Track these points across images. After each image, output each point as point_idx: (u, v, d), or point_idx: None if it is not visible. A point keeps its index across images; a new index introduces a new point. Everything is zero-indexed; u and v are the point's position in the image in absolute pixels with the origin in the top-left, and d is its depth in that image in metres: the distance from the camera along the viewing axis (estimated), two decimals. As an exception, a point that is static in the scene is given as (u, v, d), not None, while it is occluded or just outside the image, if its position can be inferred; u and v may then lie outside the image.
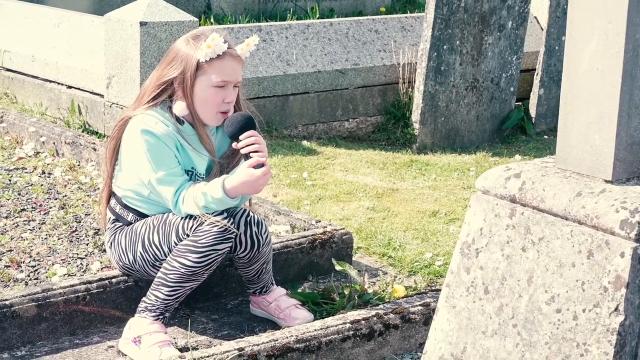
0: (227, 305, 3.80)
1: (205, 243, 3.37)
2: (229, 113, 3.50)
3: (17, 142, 5.63)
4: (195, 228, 3.39)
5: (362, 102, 6.67)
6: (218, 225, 3.36)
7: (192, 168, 3.52)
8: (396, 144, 6.52)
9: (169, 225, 3.46)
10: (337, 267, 3.79)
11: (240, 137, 3.40)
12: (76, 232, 4.24)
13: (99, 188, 4.74)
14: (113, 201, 3.64)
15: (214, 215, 3.38)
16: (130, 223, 3.58)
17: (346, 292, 3.72)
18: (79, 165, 5.25)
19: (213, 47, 3.44)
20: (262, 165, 3.37)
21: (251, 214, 3.50)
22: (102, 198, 3.71)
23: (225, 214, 3.40)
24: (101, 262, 3.90)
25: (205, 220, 3.37)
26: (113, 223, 3.63)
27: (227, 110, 3.50)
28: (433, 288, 3.98)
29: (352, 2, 10.19)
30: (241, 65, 3.53)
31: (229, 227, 3.37)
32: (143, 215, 3.57)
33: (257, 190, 3.41)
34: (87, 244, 4.12)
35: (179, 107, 3.50)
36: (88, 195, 4.72)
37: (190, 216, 3.42)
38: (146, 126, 3.45)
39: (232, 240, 3.41)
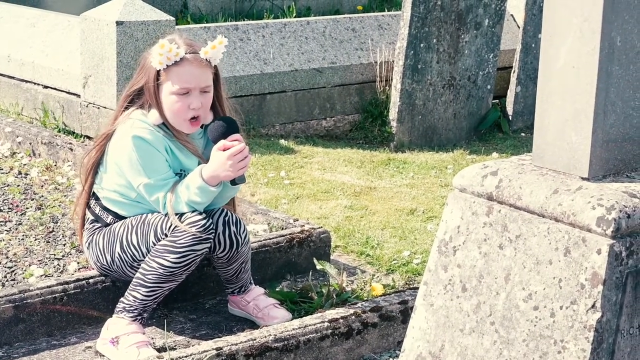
0: (205, 305, 3.80)
1: (183, 243, 3.36)
2: (200, 118, 3.47)
3: (-7, 143, 5.60)
4: (174, 228, 3.37)
5: (339, 100, 6.67)
6: (196, 226, 3.35)
7: (182, 170, 3.50)
8: (373, 143, 6.52)
9: (147, 226, 3.44)
10: (318, 266, 3.79)
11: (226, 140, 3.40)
12: (53, 233, 4.22)
13: (75, 188, 4.72)
14: (93, 202, 3.61)
15: (193, 216, 3.37)
16: (109, 224, 3.56)
17: (324, 290, 3.72)
18: (55, 165, 5.22)
19: (164, 54, 3.38)
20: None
21: (229, 213, 3.49)
22: (79, 207, 3.66)
23: (203, 214, 3.39)
24: (78, 263, 3.88)
25: (184, 221, 3.36)
26: (92, 224, 3.61)
27: (195, 116, 3.45)
28: (411, 286, 3.98)
29: (329, 1, 10.19)
30: (206, 69, 3.45)
31: (208, 226, 3.37)
32: (122, 218, 3.55)
33: (232, 171, 3.37)
34: (64, 245, 4.10)
35: (152, 116, 3.47)
36: (65, 196, 4.70)
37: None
38: (137, 132, 3.42)
39: (211, 240, 3.41)
